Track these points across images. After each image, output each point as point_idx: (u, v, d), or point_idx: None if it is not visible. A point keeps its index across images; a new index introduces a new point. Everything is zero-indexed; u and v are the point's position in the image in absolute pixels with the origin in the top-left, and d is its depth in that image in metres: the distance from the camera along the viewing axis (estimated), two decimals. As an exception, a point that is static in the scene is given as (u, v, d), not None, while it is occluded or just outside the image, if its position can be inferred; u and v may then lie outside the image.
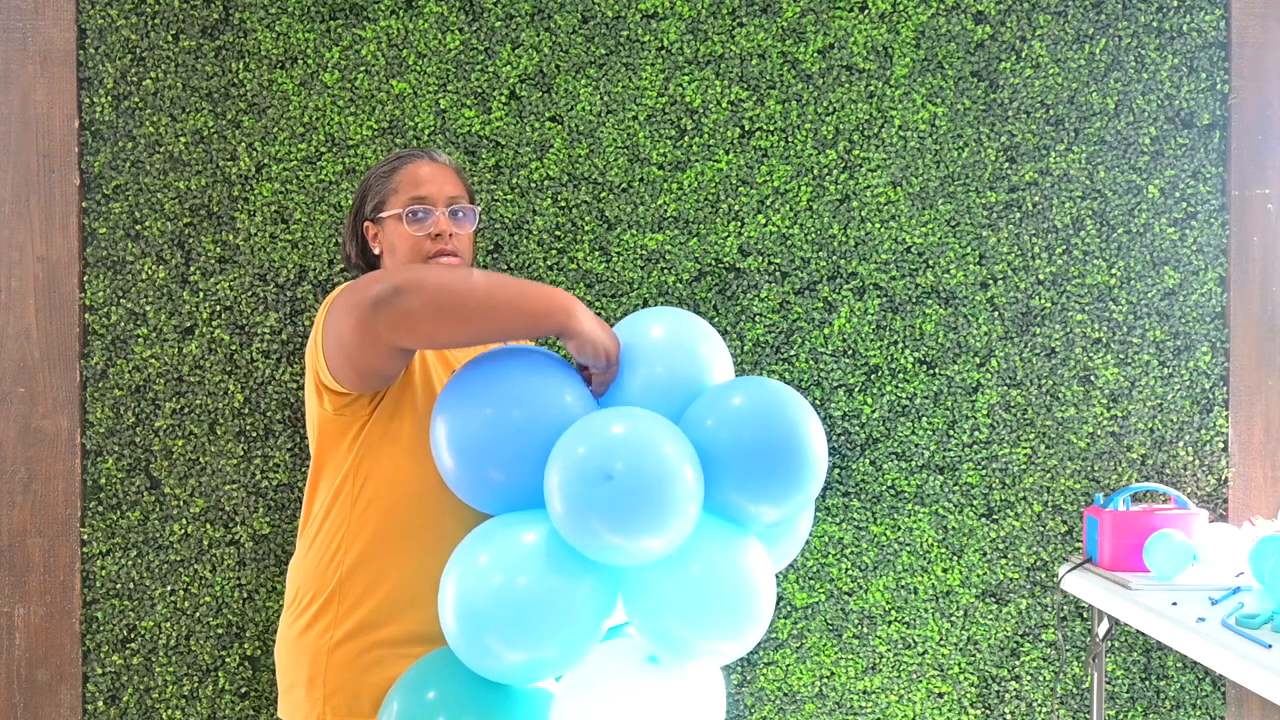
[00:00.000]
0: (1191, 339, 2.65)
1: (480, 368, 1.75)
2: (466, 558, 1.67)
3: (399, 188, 1.98)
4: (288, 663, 1.97)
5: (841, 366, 2.66)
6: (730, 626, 1.68)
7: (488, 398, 1.69)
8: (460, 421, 1.70)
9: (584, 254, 2.65)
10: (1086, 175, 2.65)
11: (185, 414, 2.64)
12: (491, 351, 1.79)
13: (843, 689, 2.66)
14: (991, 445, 2.65)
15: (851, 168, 2.65)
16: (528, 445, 1.67)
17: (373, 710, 1.90)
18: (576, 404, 1.71)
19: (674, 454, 1.59)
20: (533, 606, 1.60)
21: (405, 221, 1.95)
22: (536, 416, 1.67)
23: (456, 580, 1.65)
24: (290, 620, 1.98)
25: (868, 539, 2.66)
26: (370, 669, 1.90)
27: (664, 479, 1.57)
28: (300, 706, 1.94)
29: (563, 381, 1.73)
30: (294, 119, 2.64)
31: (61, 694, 2.65)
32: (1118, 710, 2.65)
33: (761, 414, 1.71)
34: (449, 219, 1.97)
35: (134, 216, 2.65)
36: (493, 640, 1.61)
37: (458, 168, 2.06)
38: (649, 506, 1.56)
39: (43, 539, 2.65)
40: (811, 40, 2.64)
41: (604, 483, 1.56)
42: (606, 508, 1.55)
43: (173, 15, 2.64)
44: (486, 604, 1.61)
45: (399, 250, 1.98)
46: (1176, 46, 2.64)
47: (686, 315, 1.85)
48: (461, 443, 1.70)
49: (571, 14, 2.64)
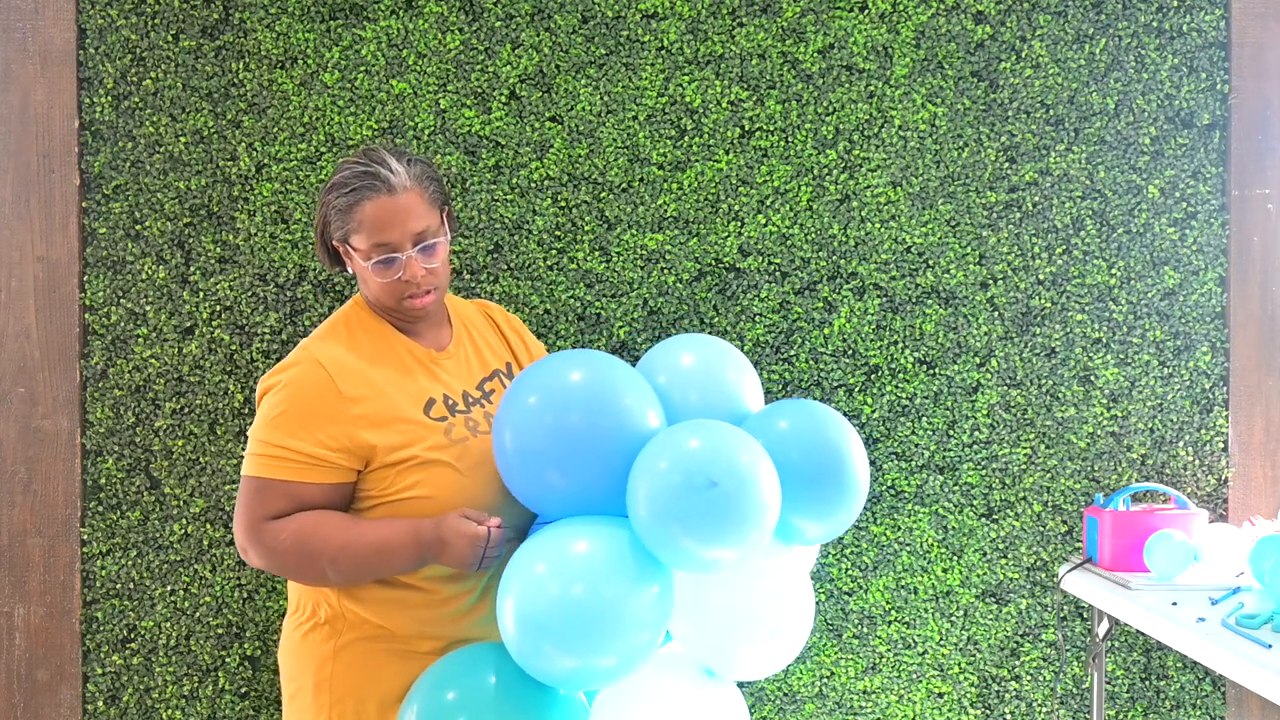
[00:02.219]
0: (1191, 339, 2.65)
1: (547, 371, 1.78)
2: (528, 565, 1.67)
3: (360, 228, 1.88)
4: (293, 668, 1.96)
5: (841, 366, 2.65)
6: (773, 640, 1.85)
7: (553, 402, 1.73)
8: (524, 425, 1.74)
9: (584, 254, 2.65)
10: (1086, 175, 2.65)
11: (185, 414, 2.64)
12: (558, 356, 1.82)
13: (843, 689, 2.66)
14: (991, 445, 2.65)
15: (851, 168, 2.65)
16: (591, 451, 1.70)
17: (379, 715, 1.89)
18: (639, 409, 1.74)
19: (768, 470, 1.68)
20: (602, 613, 1.62)
21: (372, 270, 1.90)
22: (599, 424, 1.71)
23: (517, 591, 1.65)
24: (295, 624, 1.97)
25: (868, 539, 2.66)
26: (378, 672, 1.90)
27: (759, 492, 1.64)
28: (306, 712, 1.92)
29: (630, 388, 1.75)
30: (294, 119, 2.64)
31: (61, 694, 2.65)
32: (1118, 710, 2.65)
33: (813, 438, 1.82)
34: (419, 257, 1.90)
35: (134, 216, 2.65)
36: (557, 646, 1.63)
37: (420, 175, 1.92)
38: (744, 516, 1.63)
39: (43, 539, 2.65)
40: (811, 40, 2.64)
41: (707, 490, 1.61)
42: (705, 514, 1.61)
43: (173, 15, 2.64)
44: (548, 612, 1.62)
45: (370, 288, 1.94)
46: (1176, 46, 2.64)
47: (714, 342, 1.93)
48: (523, 446, 1.73)
49: (571, 14, 2.64)
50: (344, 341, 1.93)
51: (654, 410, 1.76)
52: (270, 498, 1.85)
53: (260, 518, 1.85)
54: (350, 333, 1.95)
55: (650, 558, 1.67)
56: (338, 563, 1.83)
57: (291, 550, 1.83)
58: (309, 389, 1.86)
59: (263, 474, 1.85)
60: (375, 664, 1.89)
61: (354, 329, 1.96)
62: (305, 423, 1.84)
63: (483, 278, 2.65)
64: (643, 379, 1.79)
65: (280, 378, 1.89)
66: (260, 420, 1.88)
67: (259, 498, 1.85)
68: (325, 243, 1.97)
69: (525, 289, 2.65)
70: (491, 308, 2.18)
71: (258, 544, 1.85)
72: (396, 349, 1.96)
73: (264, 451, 1.85)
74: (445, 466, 1.88)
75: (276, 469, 1.84)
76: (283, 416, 1.85)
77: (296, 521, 1.84)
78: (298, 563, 1.84)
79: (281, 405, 1.86)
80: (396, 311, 1.96)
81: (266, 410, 1.88)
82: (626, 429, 1.71)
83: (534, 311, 2.64)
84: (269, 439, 1.85)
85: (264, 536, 1.84)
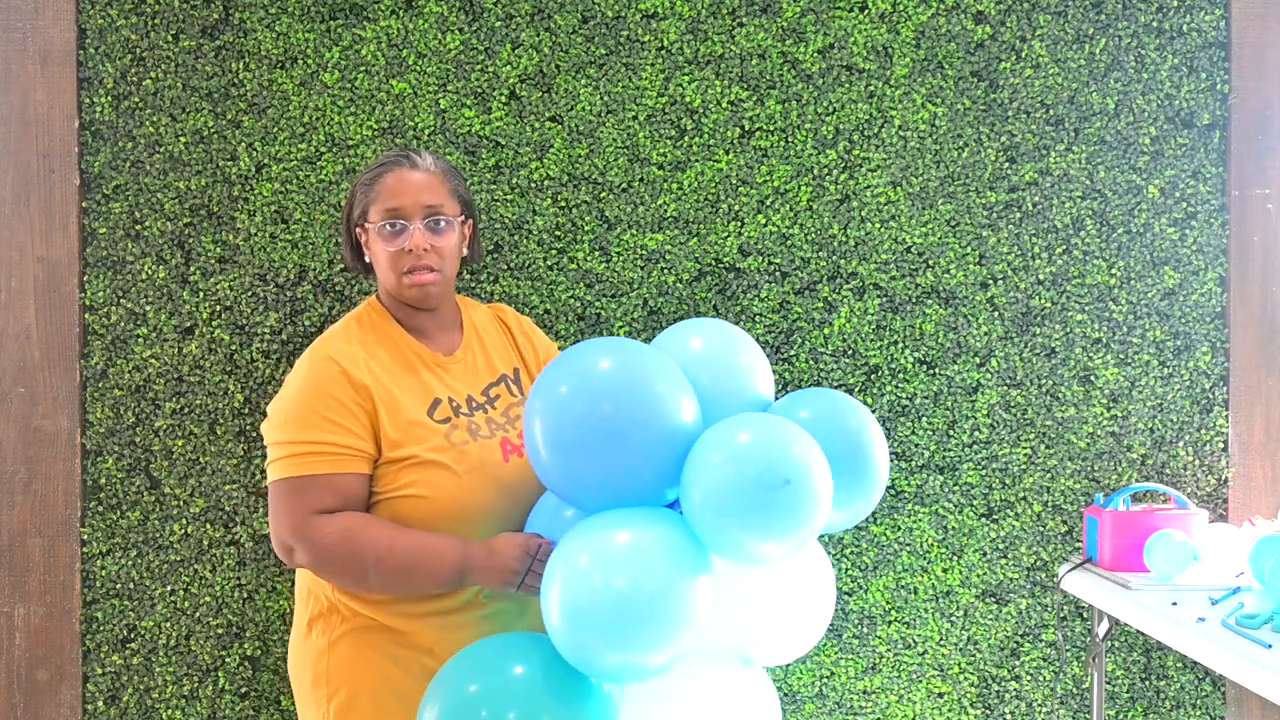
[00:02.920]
0: (1191, 339, 2.65)
1: (581, 360, 1.72)
2: (571, 557, 1.64)
3: (378, 197, 1.95)
4: (297, 667, 1.97)
5: (841, 366, 2.65)
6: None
7: (588, 393, 1.68)
8: (559, 416, 1.69)
9: (584, 254, 2.65)
10: (1086, 175, 2.65)
11: (185, 414, 2.64)
12: (590, 344, 1.76)
13: (843, 689, 2.66)
14: (991, 445, 2.65)
15: (851, 168, 2.65)
16: (628, 441, 1.66)
17: (374, 709, 1.89)
18: (673, 400, 1.70)
19: (825, 467, 1.69)
20: (652, 605, 1.59)
21: (380, 236, 1.94)
22: (633, 413, 1.67)
23: (563, 582, 1.63)
24: (297, 623, 1.98)
25: (867, 539, 2.66)
26: (370, 664, 1.89)
27: (821, 489, 1.66)
28: (309, 705, 1.93)
29: (666, 379, 1.71)
30: (294, 119, 2.64)
31: (61, 694, 2.65)
32: (1118, 710, 2.65)
33: (837, 428, 1.82)
34: (425, 231, 1.94)
35: (134, 216, 2.65)
36: (605, 640, 1.60)
37: (446, 170, 2.01)
38: (807, 513, 1.64)
39: (43, 539, 2.65)
40: (811, 40, 2.64)
41: (781, 488, 1.61)
42: (775, 511, 1.62)
43: (173, 15, 2.64)
44: (596, 605, 1.60)
45: (379, 262, 1.97)
46: (1176, 46, 2.64)
47: (724, 326, 1.90)
48: (557, 437, 1.68)
49: (571, 14, 2.64)
50: (355, 338, 1.95)
51: (689, 399, 1.72)
52: (313, 494, 1.83)
53: (307, 512, 1.83)
54: (361, 330, 1.98)
55: (700, 550, 1.66)
56: (382, 564, 1.81)
57: (339, 545, 1.81)
58: (325, 383, 1.87)
59: (301, 472, 1.83)
60: (366, 656, 1.89)
61: (365, 327, 1.99)
62: (331, 416, 1.85)
63: (483, 278, 2.65)
64: (676, 367, 1.76)
65: (292, 381, 1.91)
66: (282, 422, 1.87)
67: (300, 496, 1.83)
68: (350, 231, 2.01)
69: (525, 289, 2.65)
70: (504, 311, 2.19)
71: (304, 539, 1.82)
72: (404, 351, 1.97)
73: (296, 451, 1.84)
74: (443, 468, 1.89)
75: (315, 464, 1.83)
76: (307, 414, 1.85)
77: (345, 519, 1.83)
78: (344, 559, 1.82)
79: (303, 403, 1.86)
80: (398, 292, 1.97)
81: (286, 411, 1.87)
82: (663, 417, 1.67)
83: (534, 311, 2.64)
84: (297, 438, 1.84)
85: (311, 532, 1.82)
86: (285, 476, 1.84)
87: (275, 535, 1.87)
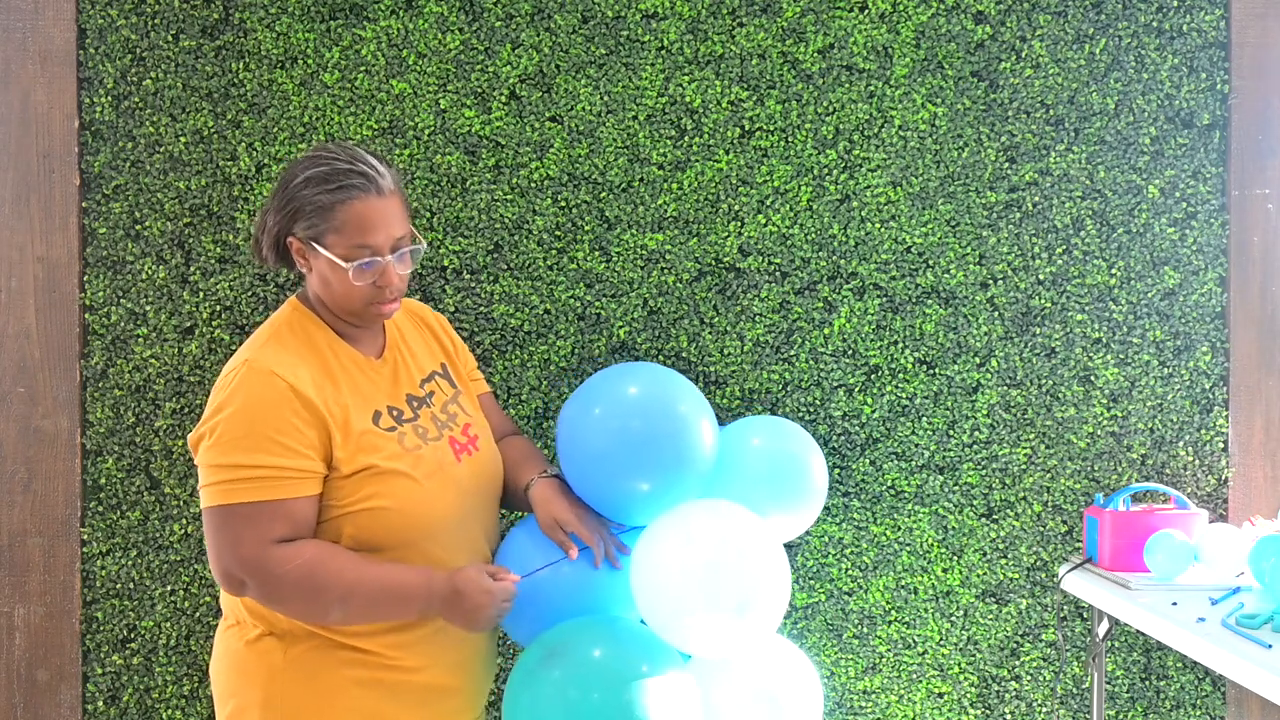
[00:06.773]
0: (1191, 339, 2.65)
1: (616, 381, 2.08)
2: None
3: (343, 228, 1.80)
4: (235, 681, 1.84)
5: (841, 366, 2.65)
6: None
7: (619, 410, 2.02)
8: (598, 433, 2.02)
9: (584, 254, 2.65)
10: (1086, 175, 2.65)
11: (185, 414, 2.64)
12: (619, 369, 2.09)
13: (843, 689, 2.66)
14: (991, 445, 2.65)
15: (851, 168, 2.65)
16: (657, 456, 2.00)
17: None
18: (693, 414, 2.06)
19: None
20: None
21: (350, 273, 1.81)
22: (661, 427, 2.01)
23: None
24: (238, 632, 1.86)
25: (868, 539, 2.66)
26: (332, 687, 1.80)
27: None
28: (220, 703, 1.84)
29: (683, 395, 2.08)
30: (294, 119, 2.64)
31: (61, 694, 2.65)
32: (1118, 710, 2.65)
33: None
34: (396, 264, 1.84)
35: (134, 216, 2.65)
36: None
37: (398, 180, 1.88)
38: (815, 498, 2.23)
39: (43, 539, 2.65)
40: (811, 40, 2.64)
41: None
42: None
43: (173, 15, 2.64)
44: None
45: (334, 290, 1.84)
46: (1176, 46, 2.64)
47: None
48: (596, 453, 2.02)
49: (571, 14, 2.64)
50: (290, 348, 1.85)
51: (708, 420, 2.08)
52: (264, 522, 1.73)
53: (262, 542, 1.72)
54: (294, 337, 1.87)
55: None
56: (348, 601, 1.74)
57: (301, 580, 1.72)
58: (273, 401, 1.76)
59: (250, 498, 1.73)
60: (328, 679, 1.80)
61: (298, 334, 1.88)
62: (280, 438, 1.74)
63: (483, 278, 2.65)
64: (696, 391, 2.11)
65: (232, 398, 1.78)
66: (226, 442, 1.75)
67: (251, 524, 1.73)
68: (280, 237, 1.86)
69: (525, 289, 2.65)
70: (420, 308, 2.12)
71: (260, 571, 1.72)
72: (340, 357, 1.88)
73: (244, 476, 1.73)
74: (403, 476, 1.83)
75: (266, 489, 1.73)
76: (255, 436, 1.74)
77: (307, 549, 1.73)
78: (306, 594, 1.73)
79: (249, 423, 1.75)
80: (356, 316, 1.88)
81: (230, 432, 1.75)
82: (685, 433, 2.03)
83: (534, 311, 2.64)
84: (246, 461, 1.73)
85: (270, 564, 1.72)
86: (232, 502, 1.73)
87: (219, 566, 1.75)
